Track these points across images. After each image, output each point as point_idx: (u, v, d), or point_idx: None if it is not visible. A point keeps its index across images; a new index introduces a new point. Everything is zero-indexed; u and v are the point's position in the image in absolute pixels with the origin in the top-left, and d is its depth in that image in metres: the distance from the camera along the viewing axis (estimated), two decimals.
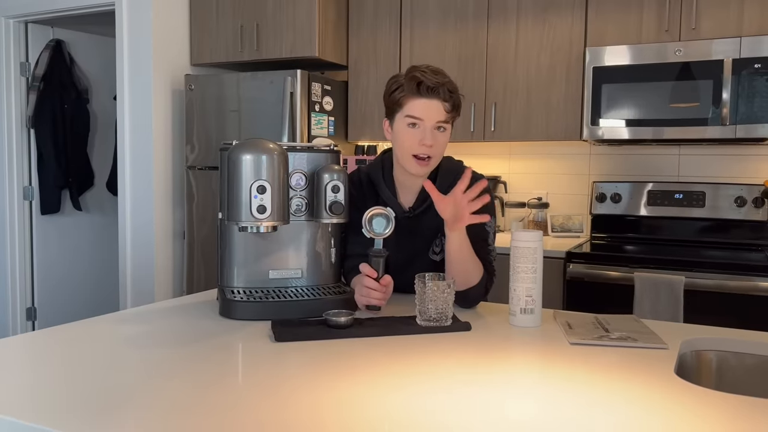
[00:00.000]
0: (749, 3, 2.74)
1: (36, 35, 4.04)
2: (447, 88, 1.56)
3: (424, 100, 1.56)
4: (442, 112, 1.57)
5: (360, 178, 1.76)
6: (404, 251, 1.69)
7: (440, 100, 1.56)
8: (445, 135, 1.60)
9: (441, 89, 1.55)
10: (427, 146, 1.57)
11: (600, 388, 1.06)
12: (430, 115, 1.56)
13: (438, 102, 1.56)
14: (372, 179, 1.74)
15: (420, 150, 1.58)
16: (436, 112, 1.56)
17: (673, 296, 2.54)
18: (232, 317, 1.48)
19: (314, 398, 0.99)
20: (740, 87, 2.67)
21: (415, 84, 1.56)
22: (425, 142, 1.56)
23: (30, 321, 4.09)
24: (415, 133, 1.58)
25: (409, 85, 1.57)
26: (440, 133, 1.59)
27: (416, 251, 1.70)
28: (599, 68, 2.91)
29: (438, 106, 1.56)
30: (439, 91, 1.55)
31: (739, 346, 1.33)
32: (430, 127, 1.57)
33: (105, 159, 4.43)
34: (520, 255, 1.44)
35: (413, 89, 1.57)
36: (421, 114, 1.56)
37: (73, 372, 1.09)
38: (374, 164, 1.75)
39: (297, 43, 3.40)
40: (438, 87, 1.55)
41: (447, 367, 1.15)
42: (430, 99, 1.56)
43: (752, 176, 3.06)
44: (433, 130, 1.57)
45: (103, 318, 1.47)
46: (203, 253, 3.53)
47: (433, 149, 1.58)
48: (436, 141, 1.58)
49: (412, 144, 1.58)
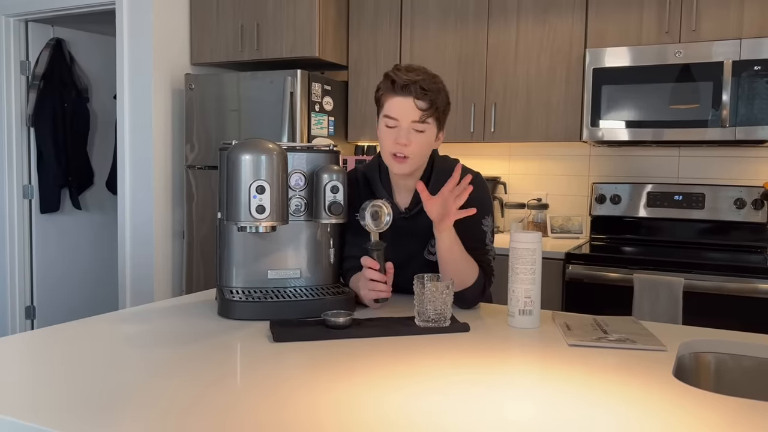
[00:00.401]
0: (749, 5, 2.74)
1: (36, 34, 4.04)
2: (420, 85, 1.53)
3: (398, 98, 1.55)
4: (415, 110, 1.54)
5: (357, 178, 1.75)
6: (400, 252, 1.69)
7: (413, 97, 1.53)
8: (423, 135, 1.57)
9: (413, 87, 1.53)
10: (402, 145, 1.55)
11: (598, 389, 1.06)
12: (404, 114, 1.55)
13: (411, 100, 1.54)
14: (368, 179, 1.73)
15: (396, 149, 1.57)
16: (410, 111, 1.54)
17: (672, 298, 2.54)
18: (230, 317, 1.48)
19: (312, 398, 0.99)
20: (740, 89, 2.67)
21: (389, 82, 1.56)
22: (399, 140, 1.55)
23: (29, 320, 4.09)
24: (390, 133, 1.57)
25: (385, 83, 1.58)
26: (417, 133, 1.56)
27: (412, 252, 1.70)
28: (599, 69, 2.91)
29: (410, 104, 1.54)
30: (411, 88, 1.53)
31: (737, 349, 1.33)
32: (405, 127, 1.55)
33: (105, 158, 4.43)
34: (519, 256, 1.44)
35: (389, 87, 1.57)
36: (396, 113, 1.56)
37: (71, 371, 1.09)
38: (371, 164, 1.74)
39: (297, 43, 3.40)
40: (410, 84, 1.53)
41: (445, 368, 1.15)
42: (404, 97, 1.54)
43: (752, 178, 3.06)
44: (408, 129, 1.55)
45: (102, 317, 1.47)
46: (202, 252, 3.53)
47: (409, 149, 1.56)
48: (411, 140, 1.55)
49: (389, 143, 1.58)
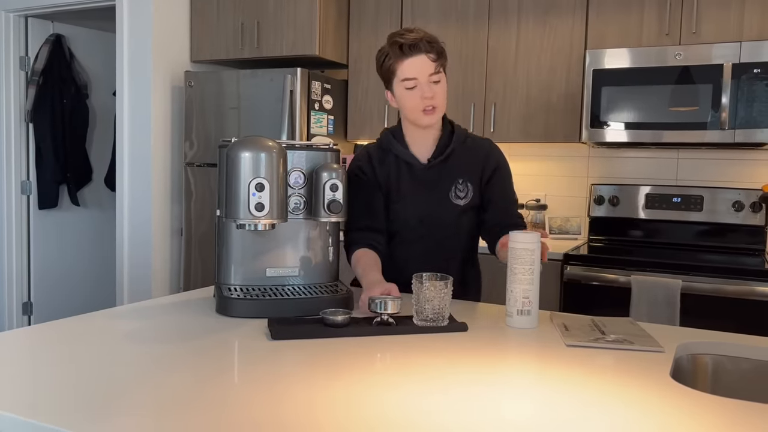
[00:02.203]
0: (749, 8, 2.74)
1: (36, 30, 4.03)
2: (426, 40, 1.65)
3: (410, 59, 1.65)
4: (429, 63, 1.65)
5: (367, 152, 1.83)
6: (427, 201, 1.77)
7: (424, 53, 1.64)
8: (441, 84, 1.69)
9: (421, 43, 1.64)
10: (428, 98, 1.66)
11: (596, 390, 1.06)
12: (420, 70, 1.65)
13: (423, 56, 1.65)
14: (381, 145, 1.81)
15: (424, 104, 1.67)
16: (425, 66, 1.65)
17: (670, 299, 2.54)
18: (228, 314, 1.48)
19: (310, 396, 0.99)
20: (740, 91, 2.67)
21: (398, 47, 1.66)
22: (426, 95, 1.66)
23: (26, 316, 4.08)
24: (414, 93, 1.67)
25: (393, 50, 1.67)
26: (435, 84, 1.67)
27: (439, 199, 1.77)
28: (599, 71, 2.92)
29: (423, 59, 1.65)
30: (420, 45, 1.64)
31: (735, 350, 1.34)
32: (425, 82, 1.66)
33: (103, 154, 4.42)
34: (517, 256, 1.44)
35: (398, 53, 1.66)
36: (413, 73, 1.65)
37: (69, 367, 1.09)
38: (381, 136, 1.83)
39: (297, 41, 3.40)
40: (418, 42, 1.64)
41: (443, 367, 1.15)
42: (416, 56, 1.65)
43: (750, 181, 3.06)
44: (428, 84, 1.66)
45: (100, 313, 1.47)
46: (201, 250, 3.53)
47: (435, 99, 1.67)
48: (434, 91, 1.67)
49: (416, 103, 1.68)
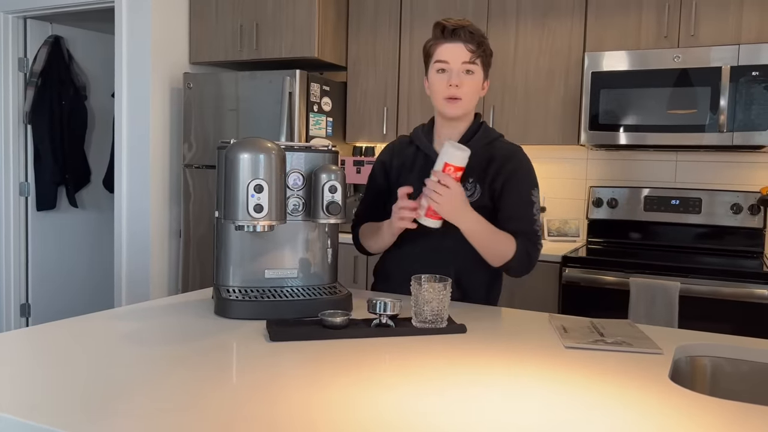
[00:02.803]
0: (748, 11, 2.75)
1: (35, 31, 4.03)
2: (468, 29, 1.65)
3: (447, 44, 1.65)
4: (465, 52, 1.64)
5: (393, 142, 1.88)
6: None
7: (462, 41, 1.64)
8: (473, 78, 1.67)
9: (461, 31, 1.64)
10: (455, 86, 1.65)
11: (595, 392, 1.06)
12: (454, 56, 1.65)
13: (460, 44, 1.64)
14: (411, 138, 1.83)
15: (449, 92, 1.66)
16: (460, 53, 1.64)
17: (669, 302, 2.54)
18: (227, 316, 1.47)
19: (308, 399, 0.98)
20: (738, 94, 2.68)
21: (439, 30, 1.67)
22: (452, 82, 1.65)
23: (24, 317, 4.08)
24: (443, 78, 1.67)
25: (435, 32, 1.69)
26: (467, 76, 1.66)
27: None
28: (598, 73, 2.92)
29: (460, 47, 1.64)
30: (460, 33, 1.64)
31: (733, 353, 1.34)
32: (456, 70, 1.65)
33: (102, 156, 4.42)
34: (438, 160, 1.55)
35: (438, 35, 1.68)
36: (447, 57, 1.65)
37: (67, 369, 1.08)
38: (414, 129, 1.86)
39: (296, 44, 3.40)
40: (458, 29, 1.64)
41: (441, 368, 1.15)
42: (454, 42, 1.65)
43: (748, 183, 3.06)
44: (459, 72, 1.65)
45: (98, 315, 1.47)
46: (199, 251, 3.53)
47: (461, 90, 1.66)
48: (462, 81, 1.65)
49: (441, 88, 1.67)
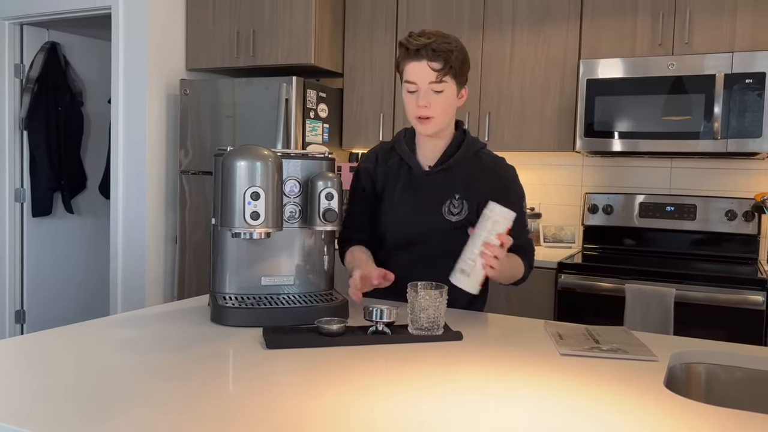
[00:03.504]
0: (741, 19, 2.77)
1: (31, 37, 4.03)
2: (431, 48, 1.57)
3: (413, 63, 1.60)
4: (430, 72, 1.59)
5: (376, 150, 1.83)
6: (419, 212, 1.72)
7: (426, 60, 1.58)
8: (443, 95, 1.62)
9: (424, 50, 1.57)
10: (422, 107, 1.61)
11: (590, 399, 1.06)
12: (420, 76, 1.60)
13: (424, 63, 1.59)
14: (393, 145, 1.80)
15: (418, 111, 1.63)
16: (426, 73, 1.59)
17: (664, 308, 2.55)
18: (223, 323, 1.47)
19: (304, 407, 0.99)
20: (732, 101, 2.69)
21: (404, 49, 1.62)
22: (420, 103, 1.61)
23: (19, 324, 4.06)
24: (412, 97, 1.63)
25: (401, 51, 1.64)
26: (435, 94, 1.61)
27: (432, 210, 1.71)
28: (593, 80, 2.93)
29: (425, 67, 1.59)
30: (422, 52, 1.58)
31: (728, 360, 1.34)
32: (423, 89, 1.61)
33: (98, 162, 4.41)
34: (482, 221, 1.46)
35: (404, 54, 1.63)
36: (413, 77, 1.61)
37: (62, 377, 1.08)
38: (395, 135, 1.83)
39: (293, 50, 3.41)
40: (421, 48, 1.58)
41: (438, 376, 1.16)
42: (418, 61, 1.59)
43: (743, 190, 3.08)
44: (427, 92, 1.61)
45: (94, 322, 1.47)
46: (195, 258, 3.52)
47: (431, 110, 1.62)
48: (430, 101, 1.61)
49: (412, 108, 1.64)
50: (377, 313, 1.40)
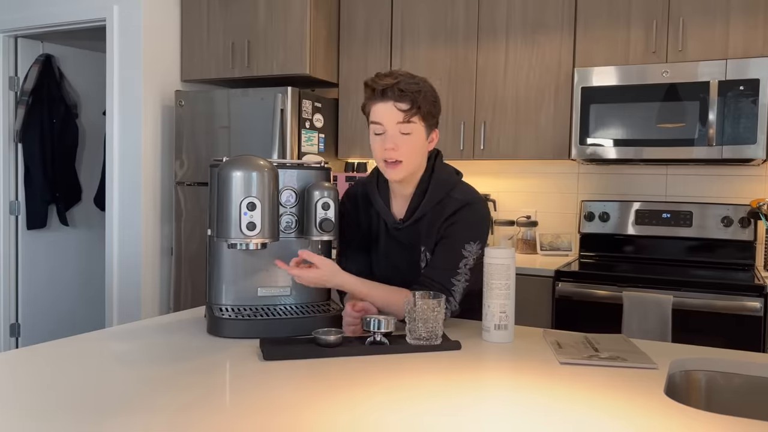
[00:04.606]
0: (734, 26, 2.79)
1: (25, 50, 4.03)
2: (398, 88, 1.53)
3: (379, 104, 1.56)
4: (396, 112, 1.54)
5: (356, 193, 1.77)
6: (401, 261, 1.68)
7: (393, 101, 1.54)
8: (411, 137, 1.56)
9: (390, 91, 1.53)
10: (390, 149, 1.55)
11: (590, 408, 1.05)
12: (387, 118, 1.55)
13: (390, 103, 1.54)
14: (367, 192, 1.73)
15: (385, 155, 1.57)
16: (393, 114, 1.54)
17: (662, 315, 2.55)
18: (220, 335, 1.46)
19: (301, 418, 0.98)
20: (726, 108, 2.71)
21: (370, 90, 1.58)
22: (387, 145, 1.55)
23: (13, 337, 4.03)
24: (379, 140, 1.58)
25: (366, 92, 1.59)
26: (403, 136, 1.55)
27: (410, 261, 1.68)
28: (587, 88, 2.94)
29: (391, 107, 1.54)
30: (388, 92, 1.53)
31: (728, 367, 1.34)
32: (391, 131, 1.55)
33: (93, 174, 4.40)
34: (493, 272, 1.45)
35: (370, 95, 1.58)
36: (380, 118, 1.56)
37: (58, 390, 1.07)
38: (369, 177, 1.75)
39: (288, 61, 3.41)
40: (387, 89, 1.53)
41: (436, 386, 1.15)
42: (384, 102, 1.55)
43: (739, 196, 3.09)
44: (394, 133, 1.55)
45: (90, 335, 1.46)
46: (191, 269, 3.51)
47: (398, 152, 1.56)
48: (398, 144, 1.55)
49: (379, 151, 1.58)
50: (375, 323, 1.39)
